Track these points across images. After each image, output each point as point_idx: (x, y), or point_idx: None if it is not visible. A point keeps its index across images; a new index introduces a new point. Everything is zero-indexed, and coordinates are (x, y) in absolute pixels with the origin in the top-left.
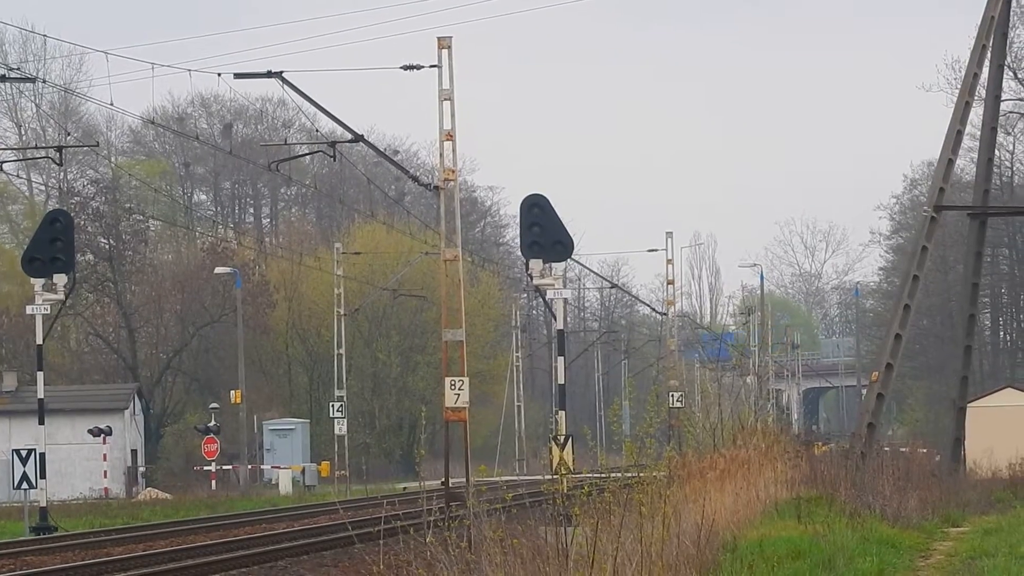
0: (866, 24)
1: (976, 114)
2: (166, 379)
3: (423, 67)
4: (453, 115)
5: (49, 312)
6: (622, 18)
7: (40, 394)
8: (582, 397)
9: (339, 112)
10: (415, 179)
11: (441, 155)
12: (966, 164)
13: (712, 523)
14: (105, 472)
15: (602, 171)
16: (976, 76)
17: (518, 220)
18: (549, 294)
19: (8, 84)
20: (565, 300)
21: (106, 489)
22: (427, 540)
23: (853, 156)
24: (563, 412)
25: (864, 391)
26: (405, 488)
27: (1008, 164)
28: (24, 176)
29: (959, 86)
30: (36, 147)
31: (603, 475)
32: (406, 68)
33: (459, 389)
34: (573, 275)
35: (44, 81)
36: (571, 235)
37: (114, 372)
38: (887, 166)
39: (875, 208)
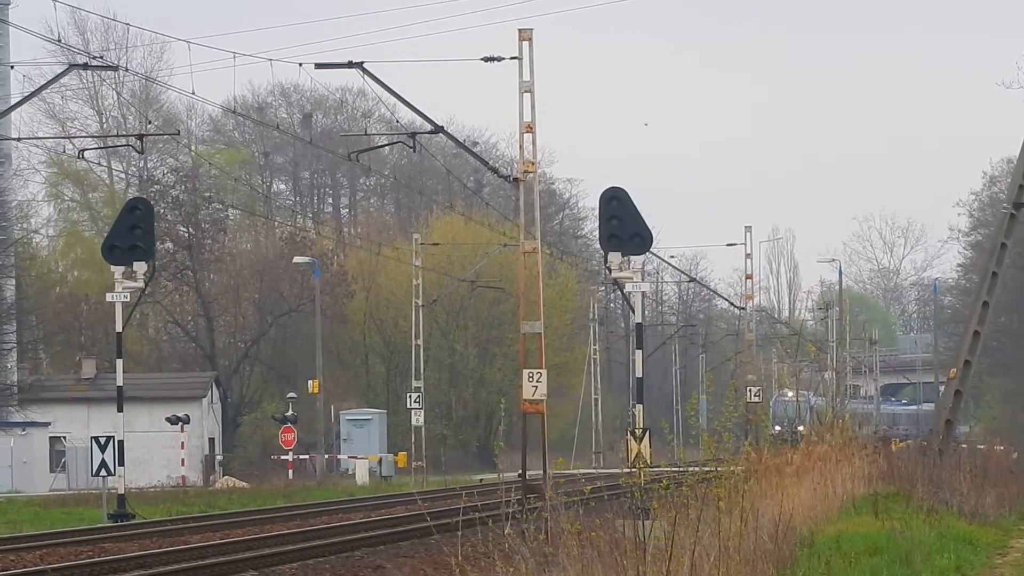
0: (946, 19)
1: None
2: (244, 368)
3: (504, 59)
4: (533, 107)
5: (128, 300)
6: (705, 11)
7: (119, 381)
8: (659, 391)
9: (419, 103)
10: (495, 171)
11: (521, 147)
12: None
13: (789, 518)
14: (183, 460)
15: (681, 164)
16: None
17: (597, 213)
18: (627, 287)
19: (90, 72)
20: (643, 293)
21: (183, 477)
22: (505, 532)
23: (932, 152)
24: (641, 405)
25: (942, 388)
26: (482, 480)
27: None
28: (105, 164)
29: None
30: (117, 135)
31: (681, 469)
32: (486, 60)
33: (537, 381)
34: (651, 268)
35: (126, 69)
36: (650, 228)
37: (192, 360)
38: (966, 162)
39: (954, 204)
